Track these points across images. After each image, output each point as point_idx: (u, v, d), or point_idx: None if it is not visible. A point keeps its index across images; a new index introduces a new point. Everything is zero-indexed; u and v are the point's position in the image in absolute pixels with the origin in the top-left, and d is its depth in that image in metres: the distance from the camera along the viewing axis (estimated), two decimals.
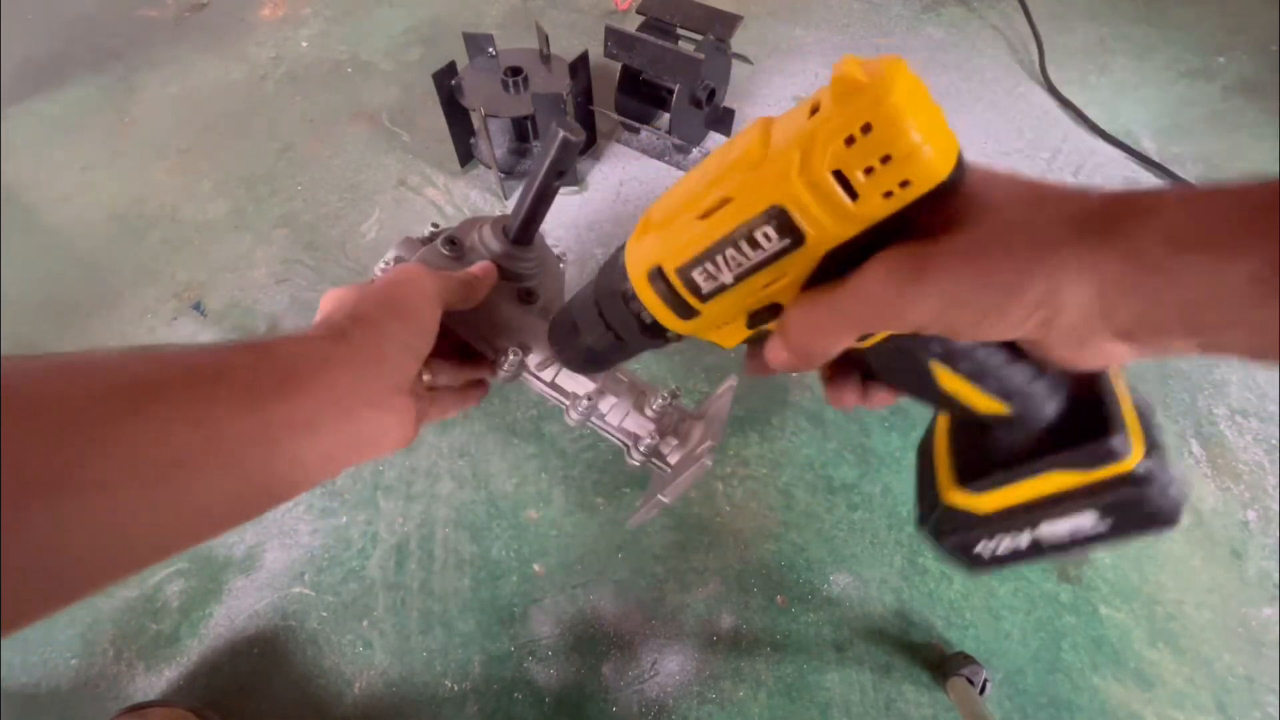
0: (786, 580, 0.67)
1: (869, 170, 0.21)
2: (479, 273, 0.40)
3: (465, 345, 0.43)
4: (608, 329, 0.32)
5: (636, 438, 0.44)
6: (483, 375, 0.44)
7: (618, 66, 0.98)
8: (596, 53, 0.95)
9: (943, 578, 0.67)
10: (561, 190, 1.04)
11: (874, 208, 0.21)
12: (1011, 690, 0.62)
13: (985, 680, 0.59)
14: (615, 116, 1.04)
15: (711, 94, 0.96)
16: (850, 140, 0.20)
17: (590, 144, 1.05)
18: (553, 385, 0.43)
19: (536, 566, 0.68)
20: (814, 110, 0.22)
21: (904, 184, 0.21)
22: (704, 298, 0.27)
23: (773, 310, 0.27)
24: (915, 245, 0.22)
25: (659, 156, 1.04)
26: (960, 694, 0.58)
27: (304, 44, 1.26)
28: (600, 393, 0.44)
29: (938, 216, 0.22)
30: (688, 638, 0.65)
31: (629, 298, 0.29)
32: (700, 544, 0.70)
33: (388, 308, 0.33)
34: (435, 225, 0.47)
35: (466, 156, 1.02)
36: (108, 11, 1.35)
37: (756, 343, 0.31)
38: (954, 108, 1.10)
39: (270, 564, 0.69)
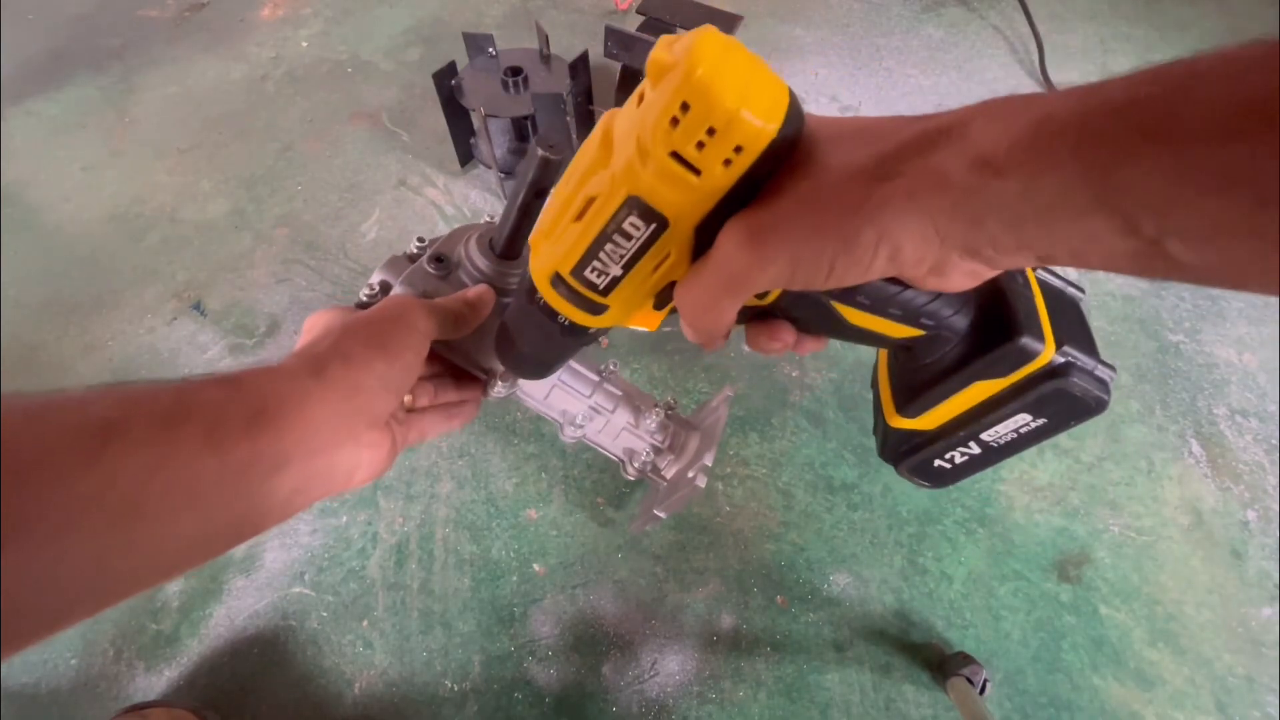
0: (786, 580, 0.67)
1: (700, 145, 0.21)
2: (474, 298, 0.39)
3: (447, 362, 0.42)
4: (539, 336, 0.33)
5: (631, 453, 0.44)
6: (471, 396, 0.43)
7: (618, 66, 0.98)
8: (596, 53, 0.95)
9: (943, 578, 0.67)
10: None
11: (718, 178, 0.22)
12: (1011, 690, 0.62)
13: (985, 680, 0.59)
14: None
15: None
16: (675, 121, 0.21)
17: None
18: (545, 403, 0.43)
19: (536, 566, 0.68)
20: (640, 99, 0.23)
21: (737, 149, 0.21)
22: (603, 292, 0.28)
23: (672, 288, 0.28)
24: (754, 211, 0.23)
25: None
26: (960, 694, 0.58)
27: (304, 44, 1.26)
28: (594, 410, 0.44)
29: (781, 176, 0.23)
30: (688, 638, 0.65)
31: (544, 307, 0.30)
32: (700, 544, 0.70)
33: (372, 343, 0.32)
34: (421, 240, 0.46)
35: (466, 156, 1.02)
36: (108, 11, 1.35)
37: (752, 320, 0.32)
38: (954, 108, 1.10)
39: (270, 564, 0.69)
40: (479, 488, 0.73)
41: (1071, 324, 0.29)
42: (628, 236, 0.25)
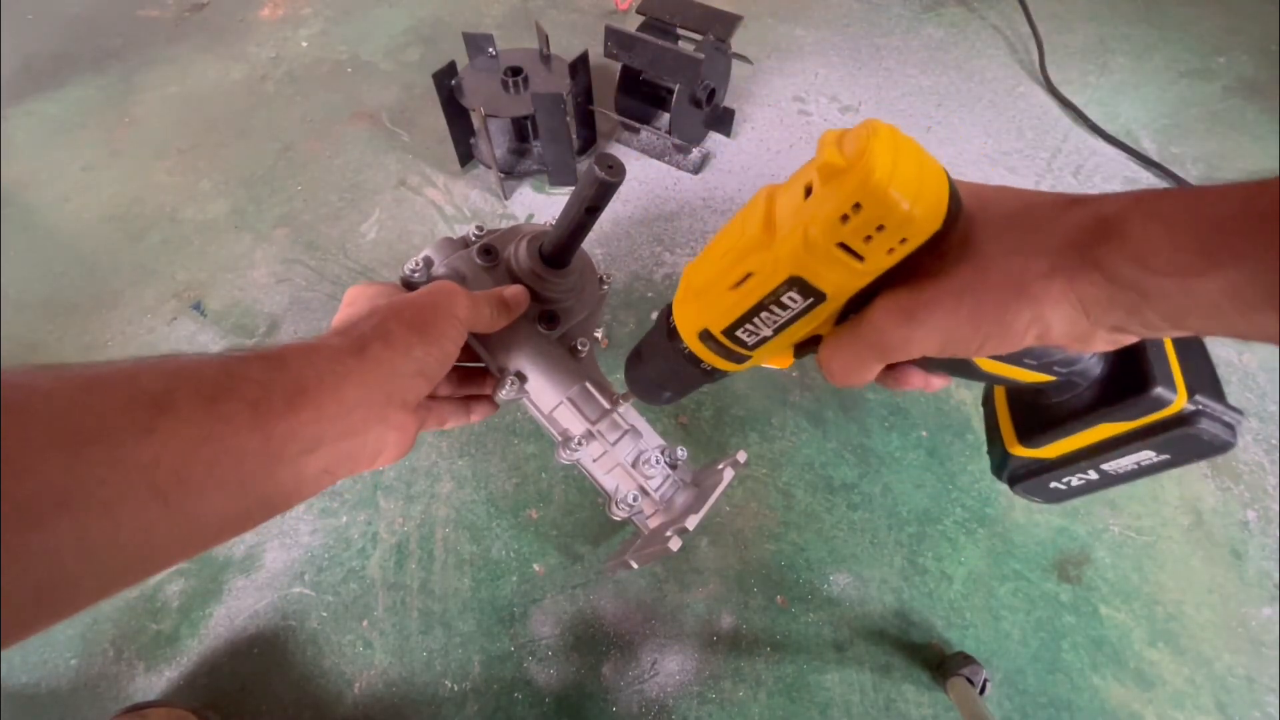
0: (786, 580, 0.67)
1: (868, 238, 0.23)
2: (510, 296, 0.39)
3: (474, 357, 0.42)
4: (671, 371, 0.36)
5: (619, 492, 0.43)
6: (487, 392, 0.43)
7: (618, 66, 0.98)
8: (596, 53, 0.95)
9: (943, 578, 0.67)
10: (561, 190, 1.04)
11: (880, 263, 0.24)
12: (1011, 690, 0.62)
13: (985, 680, 0.59)
14: (615, 116, 1.04)
15: (711, 94, 0.96)
16: (845, 218, 0.22)
17: (590, 144, 1.05)
18: (548, 418, 0.43)
19: (536, 566, 0.68)
20: (807, 191, 0.24)
21: (903, 241, 0.23)
22: (750, 348, 0.30)
23: (815, 340, 0.31)
24: (910, 289, 0.25)
25: (659, 156, 1.04)
26: (960, 694, 0.58)
27: (304, 44, 1.26)
28: (593, 435, 0.43)
29: (929, 263, 0.24)
30: (688, 638, 0.65)
31: (686, 353, 0.33)
32: (700, 544, 0.70)
33: (414, 327, 0.33)
34: (480, 228, 0.45)
35: (466, 156, 1.02)
36: (108, 11, 1.35)
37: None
38: (954, 108, 1.10)
39: (270, 564, 0.69)
40: (479, 488, 0.73)
41: (1200, 368, 0.29)
42: (784, 307, 0.27)
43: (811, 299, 0.26)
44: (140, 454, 0.22)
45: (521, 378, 0.40)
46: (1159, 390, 0.27)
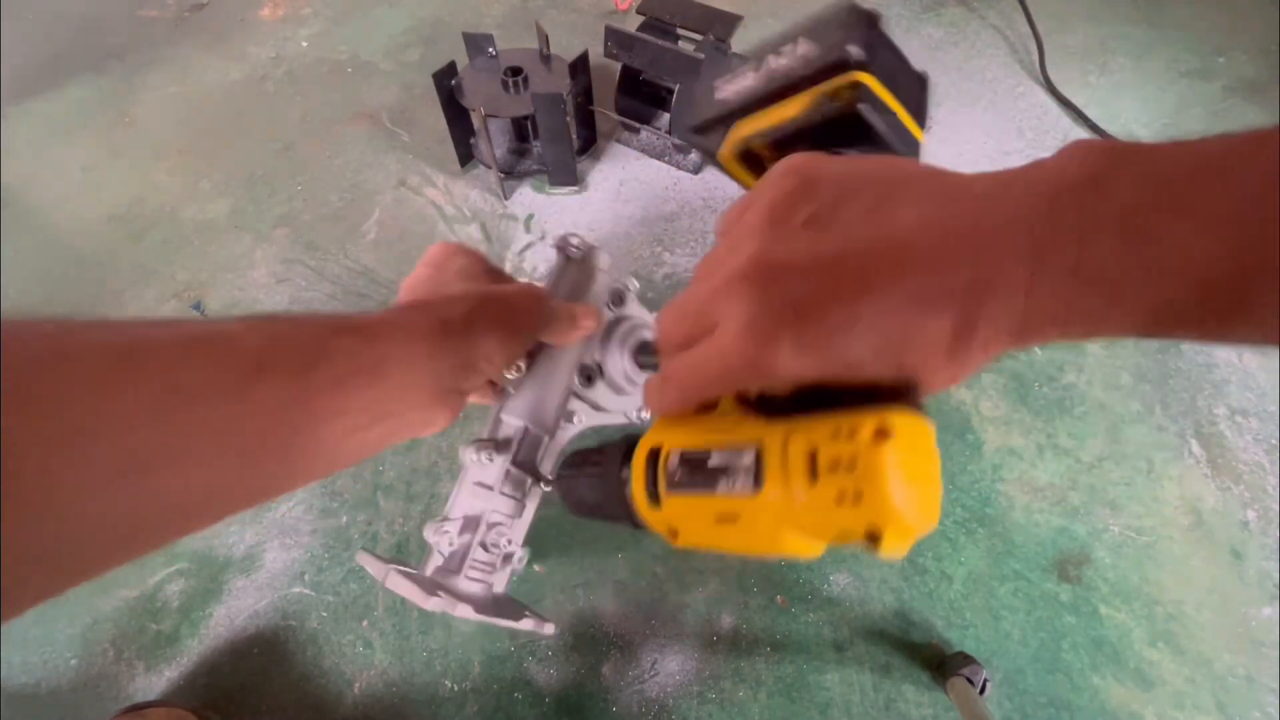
0: (786, 580, 0.67)
1: (839, 500, 0.19)
2: (583, 316, 0.39)
3: None
4: (600, 492, 0.31)
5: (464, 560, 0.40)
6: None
7: (618, 66, 0.98)
8: (596, 53, 0.95)
9: (943, 578, 0.67)
10: (561, 190, 1.04)
11: (821, 503, 0.20)
12: (1011, 690, 0.62)
13: (985, 680, 0.59)
14: (615, 116, 1.04)
15: None
16: (839, 501, 0.19)
17: (590, 144, 1.05)
18: (497, 420, 0.42)
19: (536, 566, 0.68)
20: (811, 462, 0.20)
21: (858, 495, 0.19)
22: (670, 487, 0.26)
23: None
24: None
25: (659, 156, 1.04)
26: (960, 694, 0.58)
27: (304, 44, 1.26)
28: (512, 496, 0.41)
29: None
30: (688, 638, 0.65)
31: (624, 477, 0.29)
32: None
33: (500, 325, 0.33)
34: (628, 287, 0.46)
35: (466, 156, 1.02)
36: (108, 11, 1.35)
37: None
38: (954, 108, 1.10)
39: (270, 564, 0.69)
40: None
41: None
42: (730, 477, 0.23)
43: (751, 486, 0.22)
44: (235, 414, 0.23)
45: (520, 372, 0.39)
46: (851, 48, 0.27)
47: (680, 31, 0.95)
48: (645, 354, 0.44)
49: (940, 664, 0.62)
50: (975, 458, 0.74)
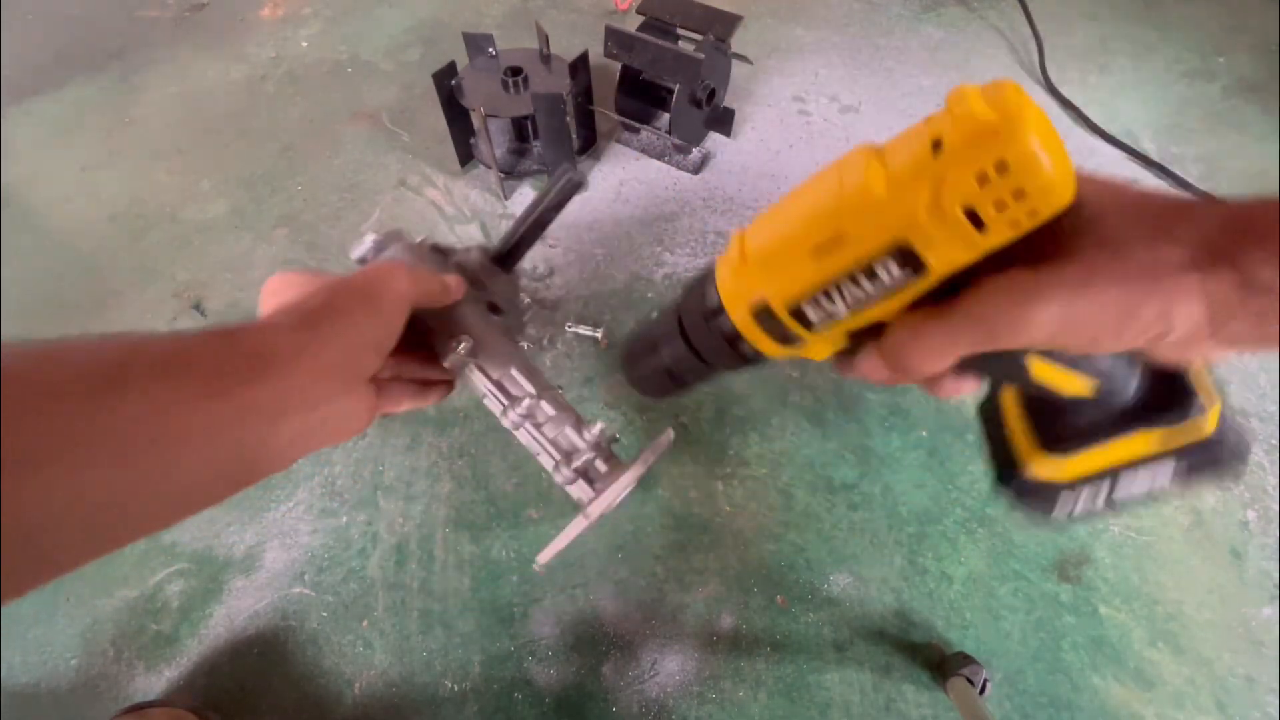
0: (786, 580, 0.67)
1: (1001, 206, 0.21)
2: (451, 281, 0.41)
3: (424, 342, 0.43)
4: (691, 352, 0.32)
5: (571, 453, 0.44)
6: (437, 374, 0.44)
7: (618, 66, 0.98)
8: (596, 53, 0.95)
9: (943, 578, 0.67)
10: None
11: (1000, 237, 0.21)
12: (1011, 690, 0.62)
13: (985, 680, 0.59)
14: (615, 116, 1.04)
15: (711, 94, 0.96)
16: (984, 179, 0.20)
17: (590, 144, 1.05)
18: (496, 384, 0.43)
19: (537, 566, 0.68)
20: (935, 145, 0.21)
21: (1032, 214, 0.21)
22: (812, 328, 0.27)
23: (876, 329, 0.26)
24: (1029, 271, 0.22)
25: (659, 156, 1.04)
26: (960, 694, 0.58)
27: (304, 44, 1.26)
28: (537, 401, 0.43)
29: (1051, 246, 0.22)
30: (688, 638, 0.65)
31: (726, 331, 0.29)
32: (700, 544, 0.70)
33: (361, 301, 0.34)
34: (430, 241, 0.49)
35: (466, 156, 1.02)
36: (108, 11, 1.35)
37: (845, 352, 0.31)
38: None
39: (270, 564, 0.69)
40: (479, 488, 0.73)
41: (1219, 388, 0.28)
42: (874, 279, 0.23)
43: (909, 271, 0.23)
44: (103, 418, 0.23)
45: (469, 344, 0.41)
46: (1197, 406, 0.26)
47: (680, 31, 0.95)
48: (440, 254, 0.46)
49: (940, 664, 0.62)
50: (975, 458, 0.74)
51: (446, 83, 0.91)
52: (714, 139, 1.06)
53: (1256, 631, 0.64)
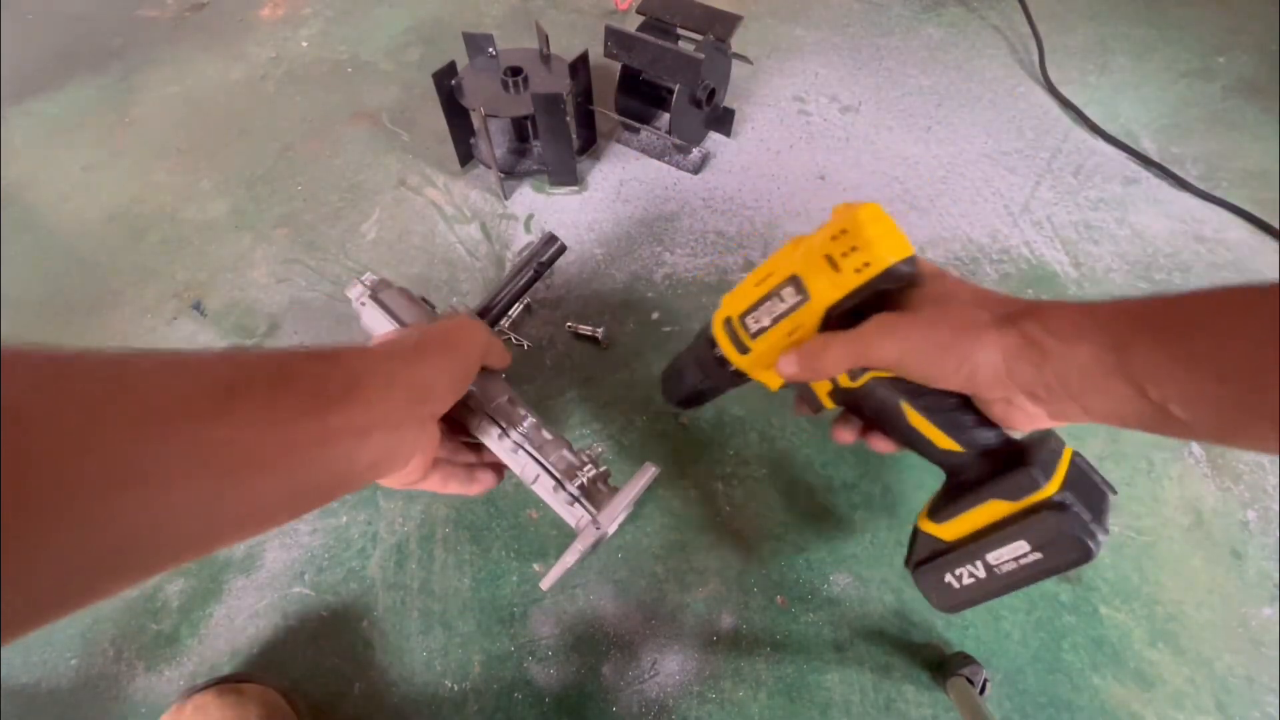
0: (786, 580, 0.67)
1: (845, 254, 0.36)
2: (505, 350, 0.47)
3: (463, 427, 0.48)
4: (700, 370, 0.48)
5: (572, 473, 0.47)
6: (486, 462, 0.49)
7: (618, 66, 0.98)
8: (596, 53, 0.95)
9: None
10: (561, 190, 1.05)
11: (849, 278, 0.36)
12: (1011, 690, 0.62)
13: (985, 680, 0.59)
14: (615, 116, 1.04)
15: (711, 94, 0.96)
16: (834, 238, 0.36)
17: (590, 144, 1.05)
18: (493, 414, 0.48)
19: (536, 566, 0.68)
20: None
21: (866, 264, 0.35)
22: (753, 335, 0.42)
23: (817, 401, 0.46)
24: (895, 314, 0.37)
25: (659, 156, 1.04)
26: (960, 694, 0.58)
27: (304, 44, 1.26)
28: (535, 426, 0.49)
29: (913, 299, 0.37)
30: (688, 638, 0.65)
31: (712, 344, 0.46)
32: (700, 544, 0.70)
33: (445, 345, 0.38)
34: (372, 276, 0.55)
35: (466, 156, 1.02)
36: (108, 11, 1.35)
37: (799, 397, 0.48)
38: (954, 108, 1.10)
39: (270, 564, 0.70)
40: None
41: (1087, 491, 0.35)
42: (782, 299, 0.39)
43: (800, 297, 0.38)
44: (216, 433, 0.24)
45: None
46: (1034, 471, 0.34)
47: (680, 31, 0.95)
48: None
49: (940, 664, 0.62)
50: None
51: (446, 83, 0.91)
52: (714, 139, 1.06)
53: (1256, 631, 0.64)
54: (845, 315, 0.37)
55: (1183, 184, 0.98)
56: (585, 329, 0.83)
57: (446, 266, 0.92)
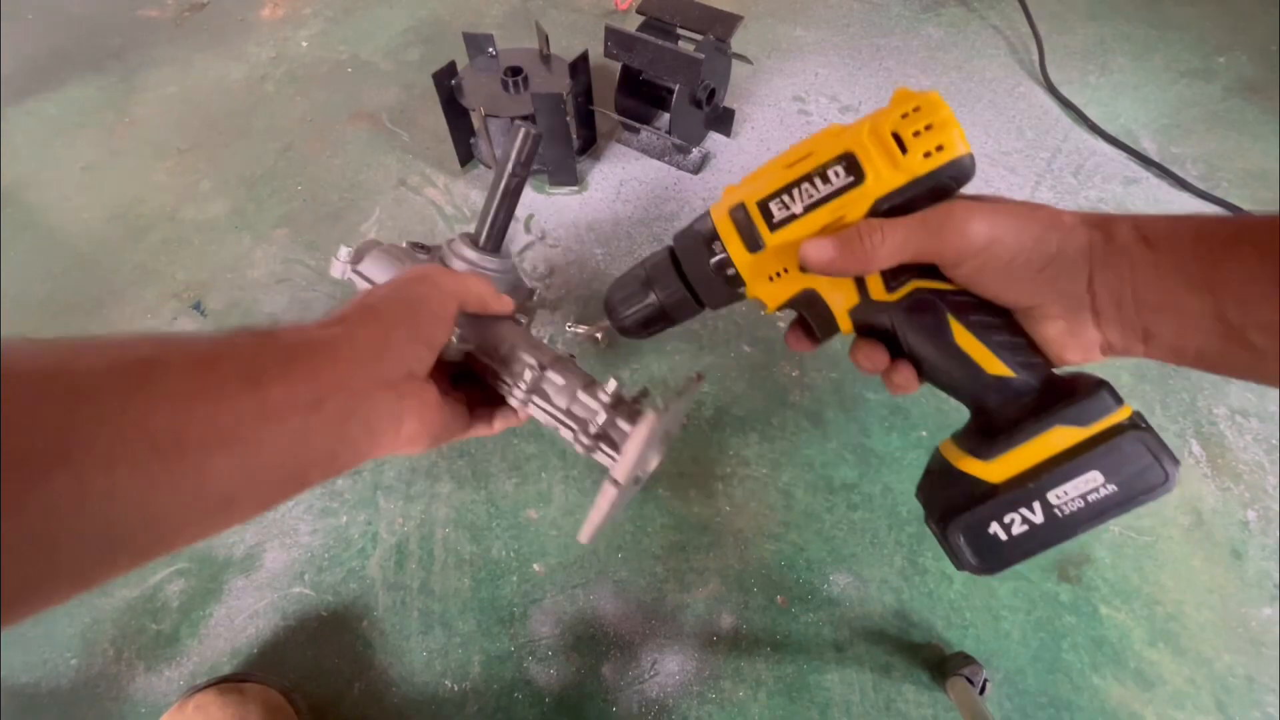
0: (786, 580, 0.67)
1: (916, 133, 0.31)
2: (502, 293, 0.42)
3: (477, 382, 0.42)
4: (680, 279, 0.38)
5: (585, 419, 0.41)
6: (502, 403, 0.44)
7: (618, 66, 0.98)
8: (596, 53, 0.95)
9: (943, 578, 0.67)
10: (561, 190, 1.04)
11: (916, 162, 0.31)
12: (1011, 690, 0.62)
13: (985, 680, 0.59)
14: (615, 116, 1.04)
15: (711, 94, 0.96)
16: (905, 115, 0.31)
17: (590, 144, 1.05)
18: (499, 366, 0.42)
19: (536, 566, 0.68)
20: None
21: (939, 148, 0.30)
22: (774, 226, 0.34)
23: (831, 328, 0.36)
24: (974, 202, 0.32)
25: (659, 156, 1.04)
26: (960, 694, 0.58)
27: (304, 44, 1.26)
28: (544, 372, 0.41)
29: (981, 200, 0.32)
30: (688, 638, 0.65)
31: (708, 237, 0.36)
32: (700, 544, 0.70)
33: (396, 298, 0.34)
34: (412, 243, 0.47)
35: (466, 156, 1.02)
36: (108, 11, 1.35)
37: (797, 323, 0.39)
38: (954, 107, 1.10)
39: (270, 564, 0.69)
40: (479, 488, 0.73)
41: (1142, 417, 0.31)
42: (826, 181, 0.32)
43: (852, 178, 0.31)
44: (134, 407, 0.21)
45: (459, 333, 0.40)
46: (1109, 393, 0.30)
47: (680, 31, 0.95)
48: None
49: (940, 664, 0.62)
50: None
51: (446, 83, 0.91)
52: (714, 139, 1.06)
53: (1256, 631, 0.64)
54: (895, 210, 0.31)
55: (1183, 184, 0.98)
56: (585, 329, 0.83)
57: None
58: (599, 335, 0.82)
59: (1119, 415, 0.29)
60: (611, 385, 0.42)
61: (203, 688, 0.59)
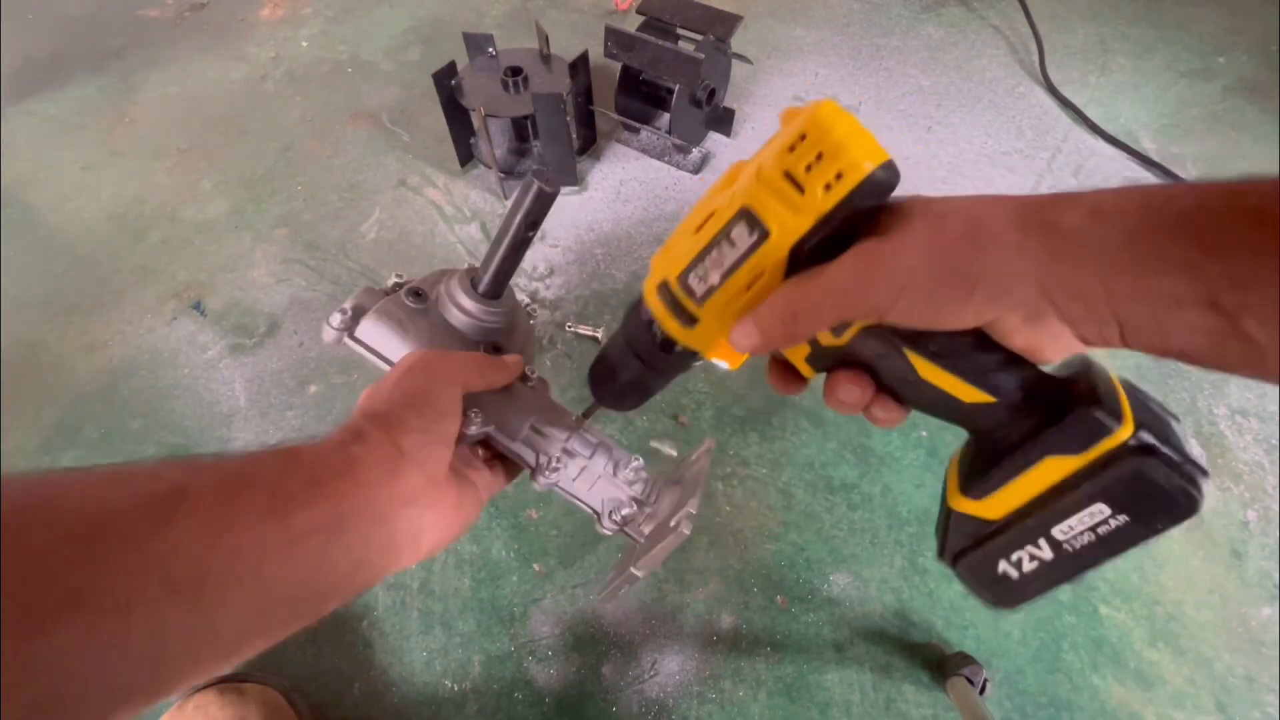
0: (786, 580, 0.67)
1: (808, 168, 0.25)
2: (509, 361, 0.41)
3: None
4: (636, 358, 0.36)
5: (611, 503, 0.43)
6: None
7: (618, 66, 0.98)
8: (596, 53, 0.95)
9: (943, 578, 0.67)
10: (561, 190, 1.04)
11: (817, 201, 0.25)
12: (1011, 690, 0.62)
13: (985, 680, 0.59)
14: (615, 116, 1.04)
15: (711, 94, 0.96)
16: (792, 148, 0.25)
17: (590, 144, 1.05)
18: (520, 445, 0.42)
19: (536, 566, 0.68)
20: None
21: (838, 176, 0.25)
22: (699, 300, 0.30)
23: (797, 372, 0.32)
24: (876, 241, 0.26)
25: (659, 156, 1.04)
26: (960, 694, 0.58)
27: (304, 44, 1.26)
28: (567, 454, 0.42)
29: (893, 224, 0.26)
30: (688, 638, 0.65)
31: (648, 320, 0.33)
32: (700, 544, 0.70)
33: (402, 399, 0.33)
34: (399, 276, 0.46)
35: (466, 156, 1.02)
36: (108, 11, 1.35)
37: (773, 366, 0.36)
38: (954, 108, 1.10)
39: None
40: None
41: (1159, 426, 0.26)
42: (732, 245, 0.28)
43: (757, 235, 0.27)
44: (156, 546, 0.21)
45: (480, 416, 0.38)
46: (1098, 411, 0.25)
47: (680, 31, 0.95)
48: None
49: (940, 664, 0.62)
50: None
51: (446, 83, 0.91)
52: (714, 139, 1.06)
53: (1256, 631, 0.64)
54: (816, 251, 0.27)
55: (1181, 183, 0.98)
56: (585, 329, 0.83)
57: (446, 267, 0.92)
58: (599, 335, 0.82)
59: (1119, 436, 0.25)
60: (631, 471, 0.43)
61: (202, 688, 0.59)
